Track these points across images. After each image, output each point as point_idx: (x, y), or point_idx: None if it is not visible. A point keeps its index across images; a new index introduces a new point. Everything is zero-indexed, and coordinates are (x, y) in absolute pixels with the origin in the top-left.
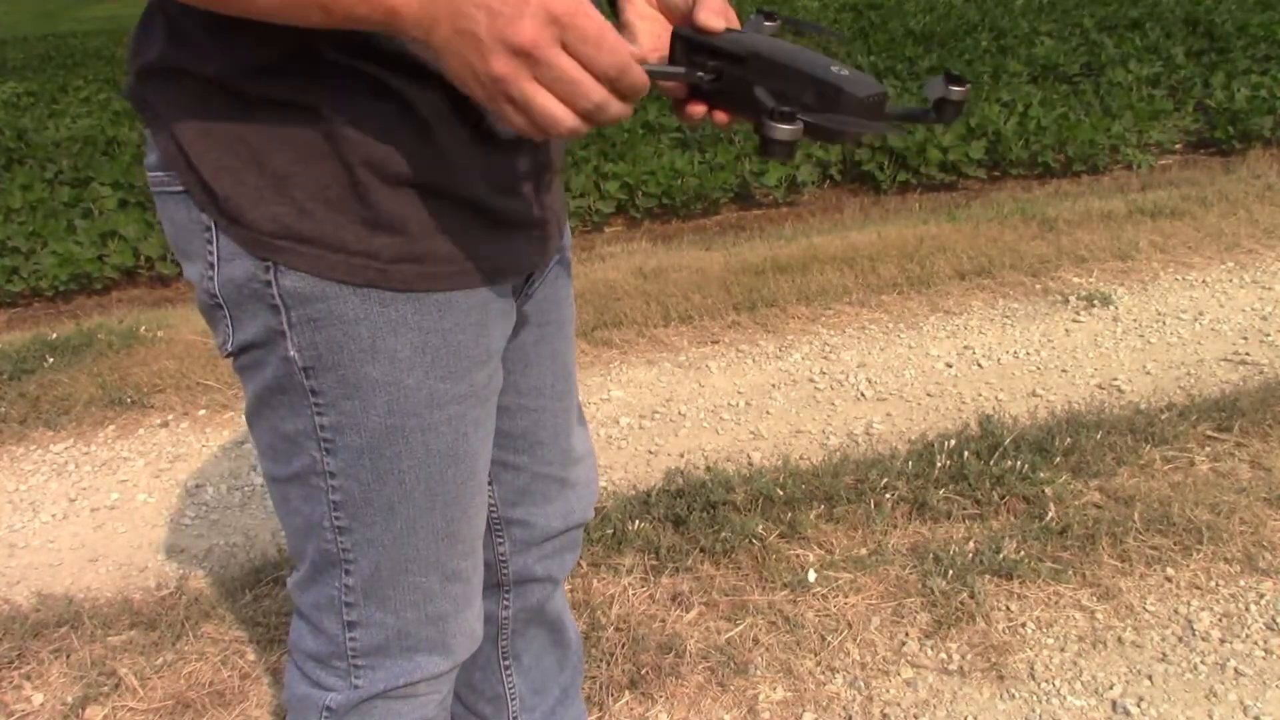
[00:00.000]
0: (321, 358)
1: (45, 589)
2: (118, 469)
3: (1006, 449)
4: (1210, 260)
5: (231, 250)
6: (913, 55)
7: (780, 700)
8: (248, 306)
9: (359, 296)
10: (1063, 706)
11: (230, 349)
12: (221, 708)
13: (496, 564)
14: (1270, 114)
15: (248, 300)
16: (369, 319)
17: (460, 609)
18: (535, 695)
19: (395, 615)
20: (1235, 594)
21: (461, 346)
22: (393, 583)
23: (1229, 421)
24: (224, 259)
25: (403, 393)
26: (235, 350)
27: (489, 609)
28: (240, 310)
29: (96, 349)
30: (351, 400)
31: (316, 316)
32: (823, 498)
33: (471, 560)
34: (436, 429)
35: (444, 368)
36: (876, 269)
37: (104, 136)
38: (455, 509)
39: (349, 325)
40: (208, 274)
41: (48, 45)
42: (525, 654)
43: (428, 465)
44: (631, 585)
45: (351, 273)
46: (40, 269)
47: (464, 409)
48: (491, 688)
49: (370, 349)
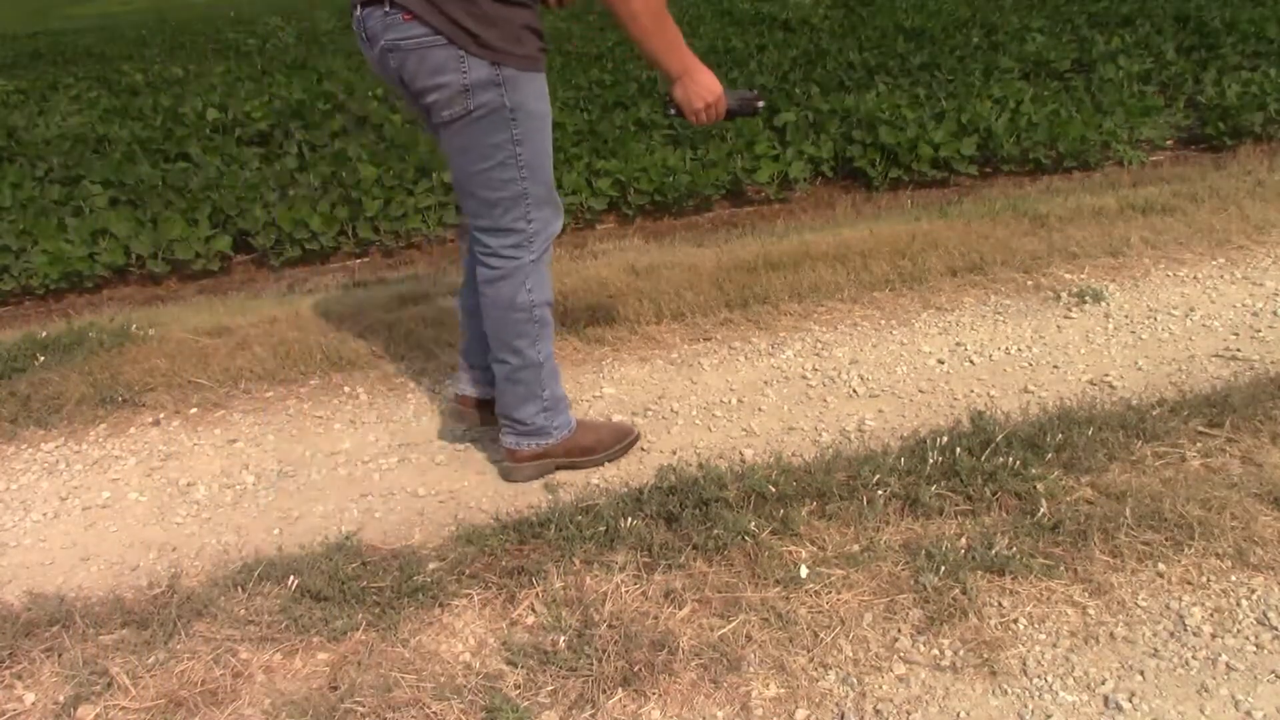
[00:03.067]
0: (518, 104)
1: (36, 588)
2: (109, 467)
3: (998, 445)
4: (1201, 256)
5: (476, 63)
6: (904, 51)
7: (773, 697)
8: (485, 87)
9: (527, 75)
10: (1055, 702)
11: (471, 107)
12: (214, 706)
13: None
14: (1261, 110)
15: (484, 84)
16: (532, 84)
17: (558, 198)
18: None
19: (544, 211)
20: (1227, 589)
21: (547, 94)
22: (542, 198)
23: (1220, 417)
24: (472, 69)
25: (543, 113)
26: (474, 107)
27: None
28: (480, 89)
29: (88, 347)
30: (529, 119)
31: (515, 86)
32: (815, 494)
33: (553, 192)
34: (549, 127)
35: (547, 104)
36: (869, 266)
37: (94, 134)
38: (548, 166)
39: (526, 86)
40: (462, 79)
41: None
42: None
43: (549, 141)
44: (624, 582)
45: (525, 65)
46: (31, 267)
47: (548, 127)
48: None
49: (534, 96)
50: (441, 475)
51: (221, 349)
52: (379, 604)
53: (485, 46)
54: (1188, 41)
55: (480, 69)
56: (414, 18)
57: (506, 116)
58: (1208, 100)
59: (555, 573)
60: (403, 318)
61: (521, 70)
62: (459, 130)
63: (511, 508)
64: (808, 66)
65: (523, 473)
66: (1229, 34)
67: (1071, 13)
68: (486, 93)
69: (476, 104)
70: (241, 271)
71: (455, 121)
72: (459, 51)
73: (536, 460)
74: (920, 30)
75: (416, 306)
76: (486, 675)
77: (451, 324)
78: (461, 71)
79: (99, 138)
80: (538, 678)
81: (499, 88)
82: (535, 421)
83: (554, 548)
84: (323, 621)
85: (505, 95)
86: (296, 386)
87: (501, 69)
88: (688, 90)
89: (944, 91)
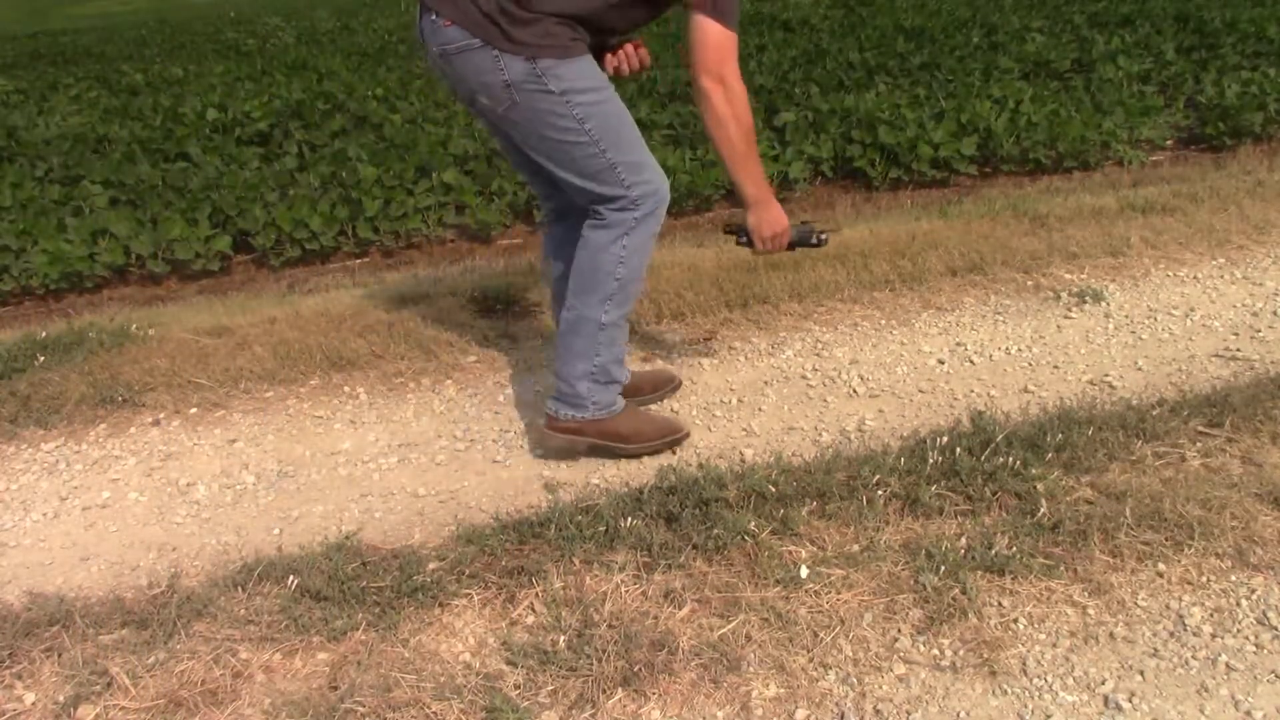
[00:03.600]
0: (566, 88)
1: (36, 588)
2: (109, 467)
3: (998, 445)
4: (1201, 256)
5: (511, 61)
6: (904, 51)
7: (773, 697)
8: (526, 80)
9: (566, 62)
10: (1055, 702)
11: (517, 99)
12: (214, 706)
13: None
14: (1261, 110)
15: (524, 78)
16: (574, 67)
17: (658, 168)
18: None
19: (642, 175)
20: (1226, 589)
21: (596, 71)
22: (634, 163)
23: (1220, 417)
24: (509, 66)
25: (596, 87)
26: (520, 100)
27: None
28: (522, 84)
29: (87, 347)
30: (583, 95)
31: (556, 75)
32: (815, 494)
33: (645, 149)
34: (612, 98)
35: (599, 79)
36: (868, 265)
37: (94, 134)
38: (631, 131)
39: (568, 70)
40: (501, 77)
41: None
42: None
43: (618, 110)
44: (624, 582)
45: (561, 54)
46: (31, 267)
47: (613, 97)
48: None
49: (579, 76)
50: (441, 475)
51: (221, 349)
52: (379, 604)
53: (518, 43)
54: (1187, 41)
55: (516, 65)
56: (452, 23)
57: (559, 101)
58: (1208, 100)
59: (555, 573)
60: (403, 318)
61: (559, 59)
62: (521, 124)
63: (511, 508)
64: (807, 66)
65: (553, 441)
66: (1229, 34)
67: (1071, 13)
68: (530, 84)
69: (522, 97)
70: (241, 271)
71: (511, 116)
72: (494, 51)
73: (569, 435)
74: (920, 30)
75: (416, 306)
76: (486, 675)
77: (451, 323)
78: (499, 69)
79: (99, 138)
80: (538, 678)
81: (540, 78)
82: (577, 387)
83: (554, 548)
84: (323, 621)
85: (549, 83)
86: (296, 386)
87: (538, 62)
88: (760, 218)
89: (944, 91)
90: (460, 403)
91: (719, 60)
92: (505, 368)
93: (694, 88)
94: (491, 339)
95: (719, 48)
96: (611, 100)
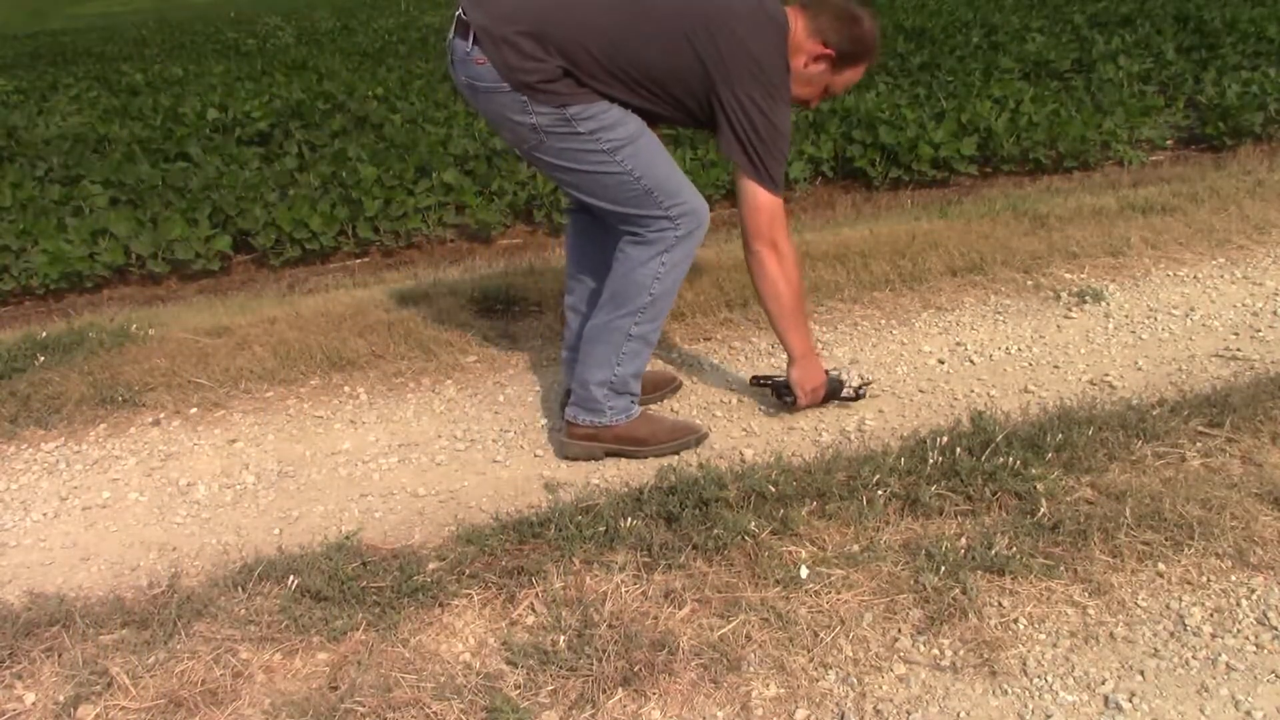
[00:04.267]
0: (595, 129)
1: (36, 588)
2: (109, 467)
3: (998, 445)
4: (1201, 256)
5: (540, 108)
6: (905, 51)
7: (773, 697)
8: (555, 125)
9: (595, 105)
10: (1055, 702)
11: (544, 141)
12: (214, 706)
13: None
14: (1261, 110)
15: (553, 124)
16: (602, 109)
17: (694, 192)
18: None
19: (679, 197)
20: (1227, 589)
21: (629, 116)
22: (673, 189)
23: (1220, 417)
24: (537, 113)
25: (625, 123)
26: (548, 141)
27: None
28: (550, 128)
29: (88, 347)
30: (612, 131)
31: (583, 118)
32: (815, 494)
33: (681, 175)
34: (643, 130)
35: (626, 113)
36: (869, 265)
37: (94, 134)
38: (664, 158)
39: (597, 112)
40: (530, 120)
41: (38, 42)
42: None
43: (649, 140)
44: (624, 582)
45: (590, 99)
46: (31, 267)
47: (644, 130)
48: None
49: (607, 116)
50: (441, 475)
51: (221, 349)
52: (379, 604)
53: (549, 93)
54: (1188, 41)
55: (544, 112)
56: (487, 62)
57: (589, 140)
58: (1208, 100)
59: (555, 573)
60: (403, 318)
61: (588, 104)
62: (548, 160)
63: (511, 508)
64: None
65: (571, 449)
66: (1229, 34)
67: (1071, 13)
68: (559, 129)
69: (550, 140)
70: (241, 271)
71: (536, 154)
72: (523, 97)
73: (587, 440)
74: (920, 30)
75: (416, 306)
76: (486, 675)
77: (451, 323)
78: (528, 113)
79: (99, 138)
80: (538, 678)
81: (569, 123)
82: (595, 393)
83: (554, 548)
84: (323, 621)
85: (578, 126)
86: (296, 386)
87: (568, 109)
88: (805, 373)
89: (944, 91)
90: (460, 403)
91: (770, 225)
92: (505, 368)
93: (745, 249)
94: (491, 339)
95: (770, 213)
96: (642, 132)
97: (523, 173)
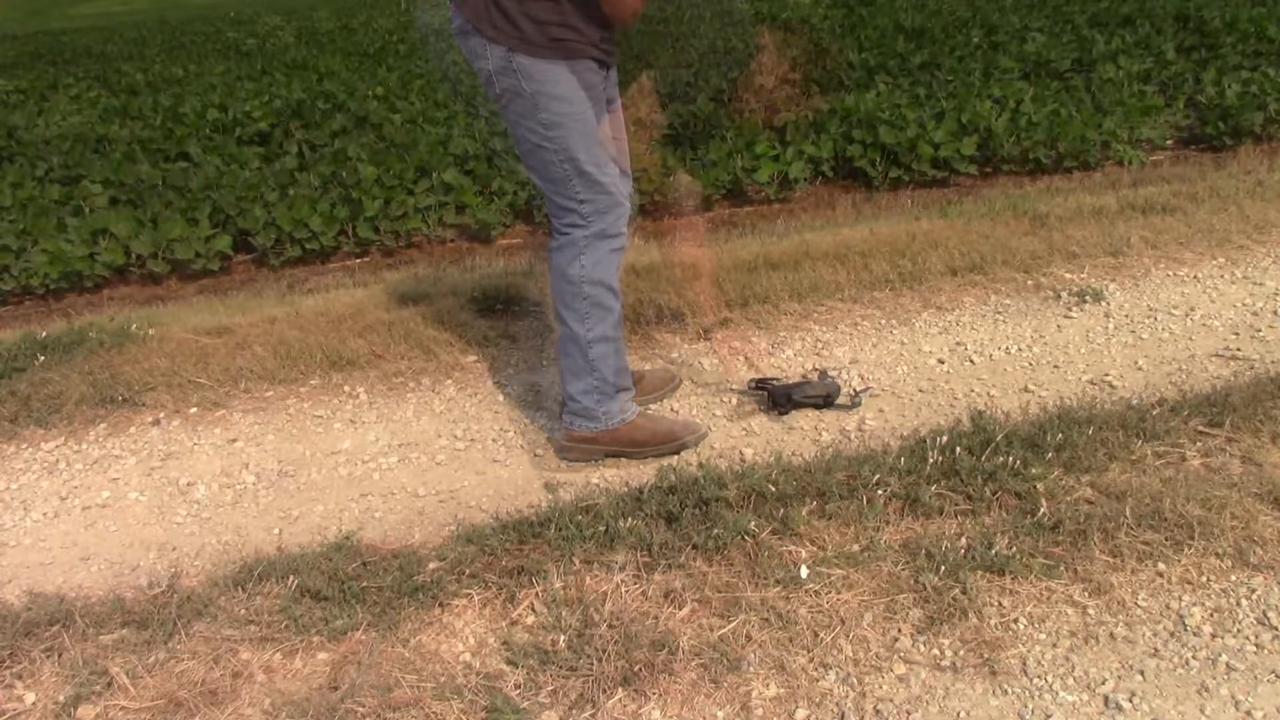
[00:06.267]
0: (537, 90)
1: (36, 588)
2: (109, 467)
3: (999, 445)
4: (1201, 256)
5: (494, 50)
6: (904, 51)
7: (773, 697)
8: (503, 73)
9: (544, 63)
10: (1055, 702)
11: (499, 91)
12: (214, 706)
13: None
14: (1261, 110)
15: (502, 70)
16: (549, 71)
17: (616, 187)
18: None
19: (595, 192)
20: (1227, 589)
21: (573, 81)
22: (592, 180)
23: (1220, 417)
24: (492, 55)
25: (570, 99)
26: (500, 92)
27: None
28: (500, 75)
29: (88, 347)
30: (553, 103)
31: (528, 73)
32: (815, 494)
33: (608, 168)
34: (584, 112)
35: (573, 89)
36: (869, 265)
37: (94, 134)
38: (596, 142)
39: (542, 73)
40: (486, 65)
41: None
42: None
43: (587, 125)
44: (624, 582)
45: (537, 53)
46: (31, 267)
47: (588, 107)
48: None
49: (553, 82)
50: (441, 475)
51: (221, 349)
52: (379, 604)
53: (499, 32)
54: (1188, 41)
55: (497, 55)
56: (459, 9)
57: (529, 102)
58: (1208, 100)
59: (555, 572)
60: (403, 318)
61: (534, 58)
62: (510, 122)
63: (511, 508)
64: (807, 66)
65: (569, 454)
66: (1229, 34)
67: (1071, 13)
68: (506, 78)
69: (501, 89)
70: (241, 271)
71: (504, 110)
72: (483, 40)
73: (585, 445)
74: (920, 30)
75: (416, 306)
76: (486, 675)
77: (451, 323)
78: (485, 58)
79: (99, 137)
80: (538, 677)
81: (515, 74)
82: (584, 401)
83: (554, 548)
84: (323, 621)
85: (522, 81)
86: (296, 386)
87: (513, 56)
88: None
89: (944, 91)
90: (460, 403)
91: None
92: (505, 368)
93: None
94: (491, 339)
95: None
96: (583, 114)
97: (523, 173)
